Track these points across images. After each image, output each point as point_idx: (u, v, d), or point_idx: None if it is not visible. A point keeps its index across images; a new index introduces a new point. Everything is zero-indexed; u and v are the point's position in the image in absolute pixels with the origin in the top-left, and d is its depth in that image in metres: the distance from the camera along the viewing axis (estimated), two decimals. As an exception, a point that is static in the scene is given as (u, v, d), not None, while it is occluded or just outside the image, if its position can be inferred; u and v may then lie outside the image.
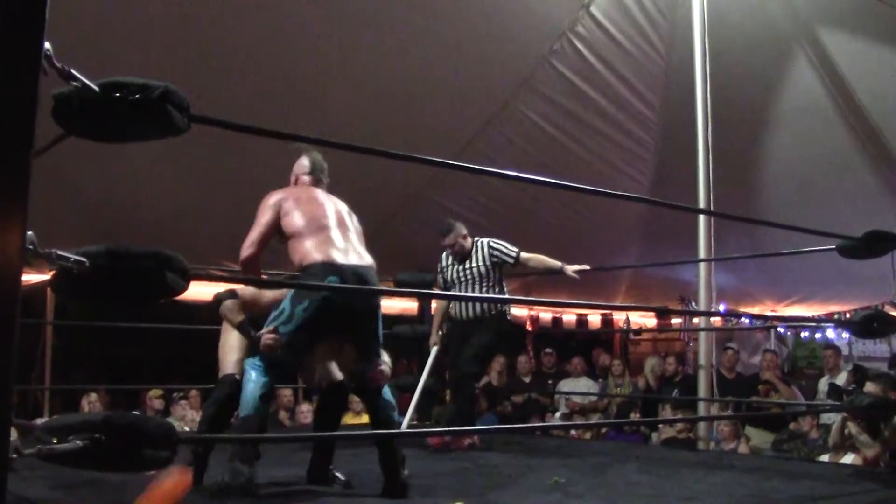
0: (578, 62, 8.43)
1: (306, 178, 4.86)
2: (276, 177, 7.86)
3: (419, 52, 7.65)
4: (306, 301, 4.16)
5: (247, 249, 4.33)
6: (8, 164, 1.78)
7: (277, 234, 4.40)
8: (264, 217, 4.39)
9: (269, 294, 4.73)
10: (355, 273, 4.24)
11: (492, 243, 6.77)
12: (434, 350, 7.00)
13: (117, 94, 2.10)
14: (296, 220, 4.35)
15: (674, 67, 8.58)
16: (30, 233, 1.83)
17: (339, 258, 4.23)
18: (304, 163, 4.95)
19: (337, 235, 4.38)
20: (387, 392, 4.47)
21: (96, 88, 2.08)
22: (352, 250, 4.38)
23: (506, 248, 6.74)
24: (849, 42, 7.97)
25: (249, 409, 4.15)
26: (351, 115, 7.49)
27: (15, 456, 1.86)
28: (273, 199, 4.46)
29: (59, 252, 1.99)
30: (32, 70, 1.84)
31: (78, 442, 2.03)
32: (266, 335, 4.22)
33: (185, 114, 2.23)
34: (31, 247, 1.84)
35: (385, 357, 4.60)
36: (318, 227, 4.35)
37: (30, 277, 7.27)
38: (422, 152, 4.02)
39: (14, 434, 1.99)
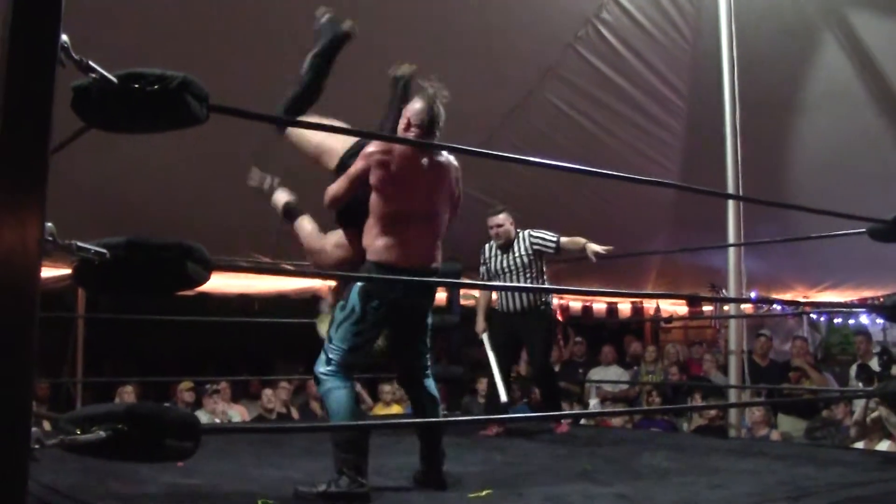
0: (604, 49, 8.39)
1: (414, 131, 4.22)
2: (300, 165, 7.92)
3: (443, 41, 7.62)
4: (376, 301, 4.03)
5: (329, 201, 4.26)
6: (26, 155, 1.79)
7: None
8: (356, 167, 4.07)
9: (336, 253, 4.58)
10: (423, 274, 4.11)
11: (532, 232, 6.82)
12: (485, 338, 6.99)
13: (136, 86, 2.10)
14: (384, 197, 4.04)
15: (700, 52, 8.50)
16: (49, 224, 1.84)
17: (411, 261, 4.08)
18: (416, 107, 4.34)
19: (417, 232, 4.13)
20: (430, 385, 4.38)
21: (115, 80, 2.08)
22: (425, 250, 4.19)
23: (546, 236, 6.78)
24: (879, 23, 7.88)
25: (345, 419, 3.99)
26: (376, 105, 7.47)
27: (37, 446, 1.87)
28: (374, 153, 4.01)
29: (80, 244, 1.99)
30: (49, 62, 1.84)
31: (101, 433, 2.04)
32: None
33: (204, 104, 2.23)
34: (50, 238, 1.85)
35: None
36: (403, 217, 4.08)
37: (61, 272, 7.33)
38: (448, 141, 4.00)
39: (47, 425, 2.01)
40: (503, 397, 6.55)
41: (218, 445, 5.04)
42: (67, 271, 7.29)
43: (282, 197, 4.88)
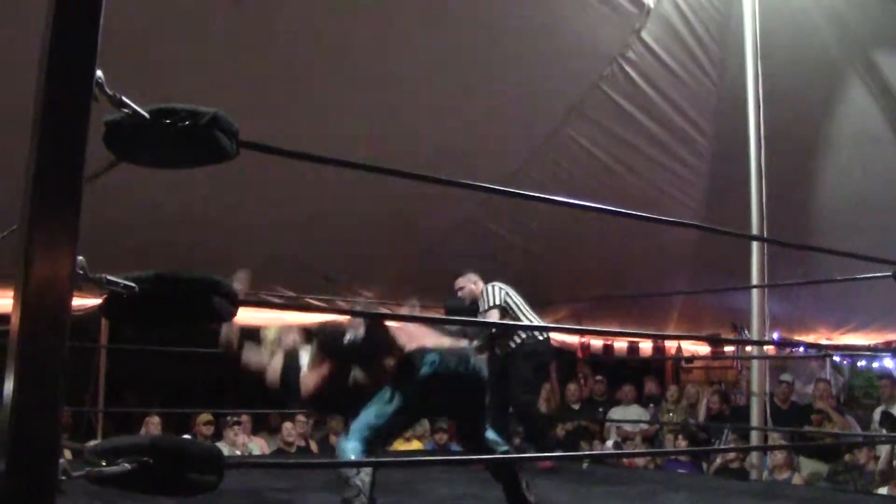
0: (629, 87, 8.42)
1: None
2: (326, 201, 7.97)
3: (470, 79, 7.68)
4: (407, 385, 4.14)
5: None
6: (59, 189, 1.81)
7: None
8: None
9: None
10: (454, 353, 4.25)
11: (489, 288, 6.84)
12: None
13: (167, 121, 2.12)
14: None
15: (725, 92, 8.53)
16: (80, 258, 1.85)
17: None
18: None
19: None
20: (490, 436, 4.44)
21: (146, 115, 2.10)
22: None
23: (489, 296, 6.77)
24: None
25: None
26: (402, 143, 7.51)
27: (64, 478, 1.88)
28: None
29: (109, 277, 2.01)
30: (84, 97, 1.87)
31: (126, 465, 2.04)
32: None
33: (234, 139, 2.24)
34: (81, 272, 1.86)
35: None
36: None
37: (84, 302, 7.35)
38: (472, 178, 4.01)
39: (68, 454, 2.02)
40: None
41: (236, 476, 5.02)
42: (90, 301, 7.35)
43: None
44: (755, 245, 7.04)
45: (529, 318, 6.78)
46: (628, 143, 8.93)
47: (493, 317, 6.46)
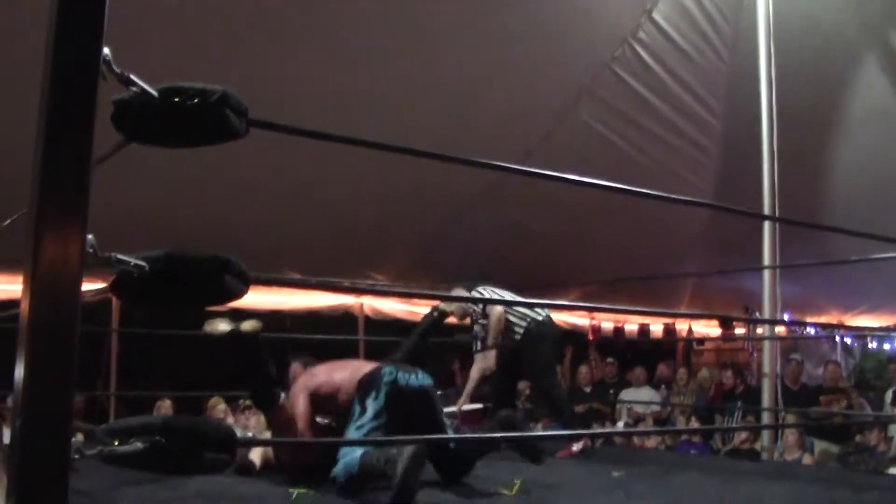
0: (640, 68, 8.39)
1: None
2: (337, 184, 7.95)
3: (479, 61, 7.64)
4: (373, 392, 4.54)
5: None
6: (68, 168, 1.80)
7: None
8: None
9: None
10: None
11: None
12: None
13: (176, 99, 2.11)
14: None
15: (737, 72, 8.48)
16: (89, 236, 1.85)
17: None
18: None
19: None
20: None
21: (155, 94, 2.09)
22: None
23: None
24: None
25: (353, 468, 4.17)
26: (411, 124, 7.49)
27: (77, 456, 1.88)
28: None
29: (120, 256, 2.00)
30: (92, 75, 1.86)
31: (139, 444, 2.05)
32: None
33: (244, 118, 2.23)
34: (90, 251, 1.86)
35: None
36: None
37: (95, 287, 7.37)
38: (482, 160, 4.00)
39: (80, 437, 2.02)
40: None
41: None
42: (101, 285, 7.36)
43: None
44: (767, 226, 7.01)
45: (520, 309, 6.74)
46: (639, 124, 8.89)
47: (498, 313, 6.43)
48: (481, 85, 7.86)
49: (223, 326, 5.36)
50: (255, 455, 4.94)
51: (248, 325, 5.30)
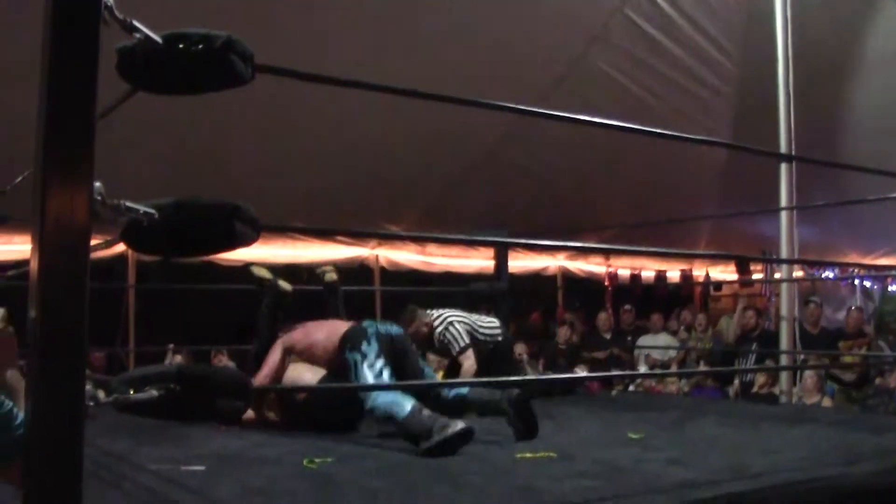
0: (653, 12, 8.29)
1: None
2: (350, 134, 7.93)
3: (492, 8, 7.58)
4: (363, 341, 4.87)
5: None
6: (72, 114, 1.79)
7: None
8: None
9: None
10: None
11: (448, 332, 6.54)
12: None
13: (181, 46, 2.09)
14: None
15: (753, 14, 8.38)
16: (97, 184, 1.84)
17: None
18: None
19: None
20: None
21: (159, 40, 2.07)
22: None
23: (453, 336, 6.51)
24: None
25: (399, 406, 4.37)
26: (424, 72, 7.44)
27: (92, 404, 1.89)
28: None
29: (129, 204, 1.99)
30: (93, 20, 1.84)
31: (154, 392, 2.05)
32: None
33: (249, 63, 2.21)
34: (98, 198, 1.85)
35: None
36: None
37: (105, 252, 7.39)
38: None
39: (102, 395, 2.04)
40: None
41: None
42: (117, 245, 7.38)
43: None
44: (783, 168, 6.95)
45: (481, 324, 6.74)
46: (653, 68, 8.81)
47: (470, 359, 6.35)
48: (494, 31, 7.80)
49: (266, 273, 5.89)
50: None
51: (284, 284, 5.80)
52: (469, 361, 6.31)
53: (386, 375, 4.73)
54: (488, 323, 6.78)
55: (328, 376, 5.03)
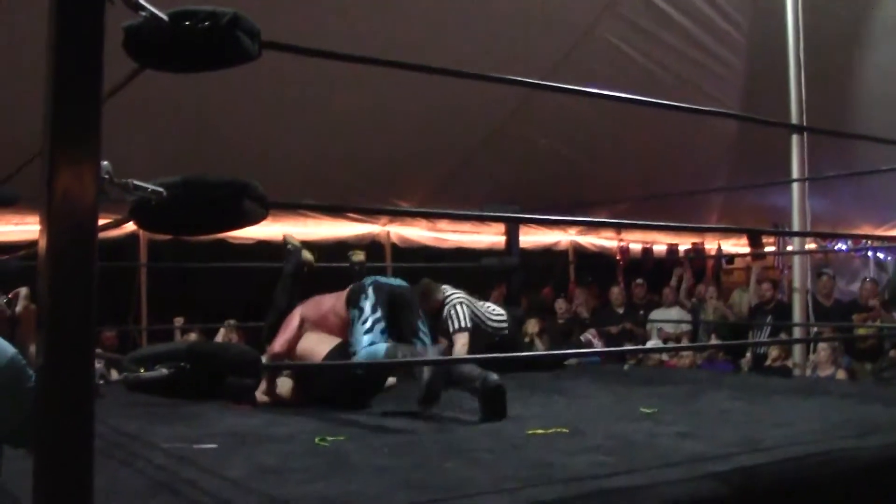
0: (663, -18, 8.25)
1: None
2: (359, 110, 7.91)
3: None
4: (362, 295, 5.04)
5: None
6: (79, 92, 1.78)
7: None
8: None
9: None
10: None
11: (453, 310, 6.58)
12: None
13: (187, 23, 2.08)
14: None
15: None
16: (105, 163, 1.83)
17: None
18: None
19: None
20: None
21: (165, 18, 2.06)
22: None
23: (456, 316, 6.55)
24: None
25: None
26: (432, 47, 7.40)
27: (102, 382, 1.89)
28: None
29: (136, 182, 1.99)
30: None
31: (164, 370, 2.06)
32: None
33: (256, 40, 2.20)
34: (106, 176, 1.84)
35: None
36: None
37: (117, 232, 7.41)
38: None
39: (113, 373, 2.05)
40: None
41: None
42: (128, 225, 7.39)
43: None
44: (794, 139, 6.91)
45: (490, 315, 6.76)
46: (662, 41, 8.76)
47: (462, 340, 6.37)
48: (503, 5, 7.76)
49: (296, 241, 6.10)
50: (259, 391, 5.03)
51: (307, 254, 5.98)
52: (461, 343, 6.31)
53: (378, 329, 4.81)
54: (497, 315, 6.78)
55: (342, 345, 5.04)
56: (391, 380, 5.42)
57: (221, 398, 4.37)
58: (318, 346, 5.12)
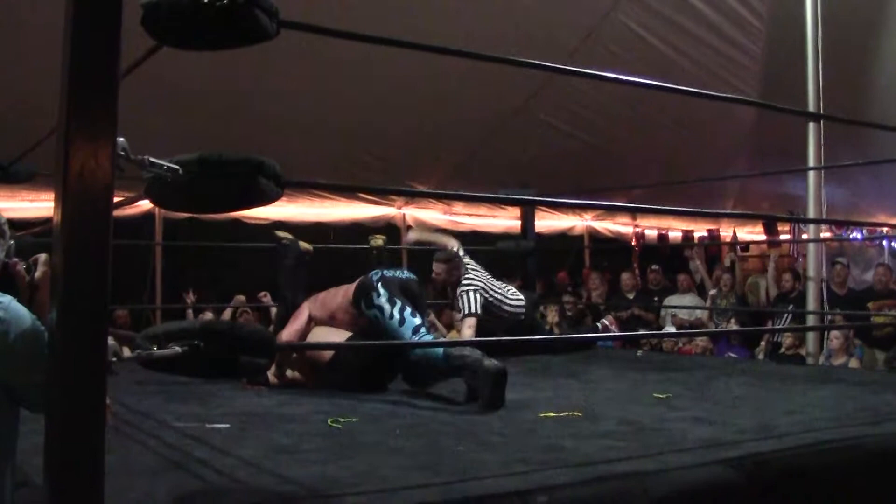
0: (681, -32, 8.21)
1: None
2: (375, 91, 7.89)
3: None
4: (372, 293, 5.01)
5: None
6: (96, 69, 1.79)
7: None
8: None
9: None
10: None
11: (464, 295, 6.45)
12: None
13: (205, 1, 2.08)
14: None
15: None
16: (121, 139, 1.83)
17: None
18: None
19: None
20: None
21: (184, -5, 2.06)
22: None
23: (466, 301, 6.41)
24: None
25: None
26: (451, 29, 7.37)
27: (115, 359, 1.89)
28: None
29: (152, 159, 1.99)
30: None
31: (177, 348, 2.06)
32: None
33: (274, 19, 2.20)
34: (122, 153, 1.84)
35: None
36: None
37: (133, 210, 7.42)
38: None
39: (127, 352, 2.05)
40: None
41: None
42: (144, 204, 7.41)
43: None
44: (811, 127, 6.87)
45: (509, 298, 6.72)
46: (681, 27, 8.71)
47: (469, 325, 6.29)
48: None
49: (286, 234, 6.00)
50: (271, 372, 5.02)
51: (304, 244, 5.88)
52: (469, 331, 6.27)
53: (407, 314, 4.84)
54: (515, 299, 6.75)
55: (356, 338, 5.05)
56: None
57: (234, 377, 4.37)
58: (330, 336, 5.13)
